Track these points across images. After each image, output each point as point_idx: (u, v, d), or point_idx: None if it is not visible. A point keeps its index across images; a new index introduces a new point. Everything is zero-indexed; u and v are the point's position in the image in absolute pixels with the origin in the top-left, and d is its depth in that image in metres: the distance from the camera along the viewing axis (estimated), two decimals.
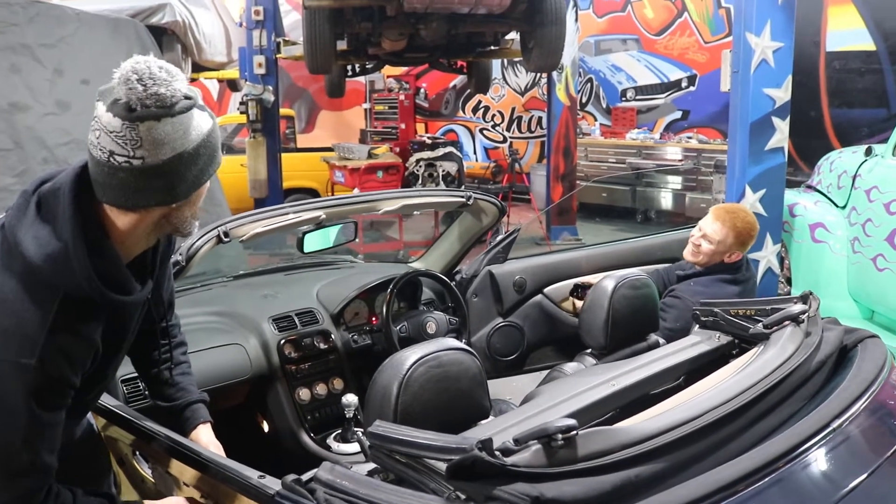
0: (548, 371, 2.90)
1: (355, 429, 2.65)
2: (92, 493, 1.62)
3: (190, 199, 1.50)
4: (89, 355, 1.52)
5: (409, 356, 1.63)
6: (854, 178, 5.13)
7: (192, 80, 10.27)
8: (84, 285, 1.44)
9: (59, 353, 1.44)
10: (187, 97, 1.40)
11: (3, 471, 1.44)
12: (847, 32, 8.83)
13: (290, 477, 1.38)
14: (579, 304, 3.36)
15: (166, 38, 8.45)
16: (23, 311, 1.43)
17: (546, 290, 3.53)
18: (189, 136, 1.40)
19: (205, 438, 1.94)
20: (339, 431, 2.74)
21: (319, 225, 2.86)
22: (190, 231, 1.58)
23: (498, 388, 3.29)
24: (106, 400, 1.93)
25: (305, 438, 2.77)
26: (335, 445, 2.71)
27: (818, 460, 1.39)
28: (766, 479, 1.30)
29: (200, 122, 1.43)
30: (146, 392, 2.30)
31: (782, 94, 4.58)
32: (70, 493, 1.55)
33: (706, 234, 2.95)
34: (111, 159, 1.37)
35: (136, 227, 1.49)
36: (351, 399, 2.56)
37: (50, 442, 1.49)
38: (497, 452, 1.18)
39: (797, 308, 1.91)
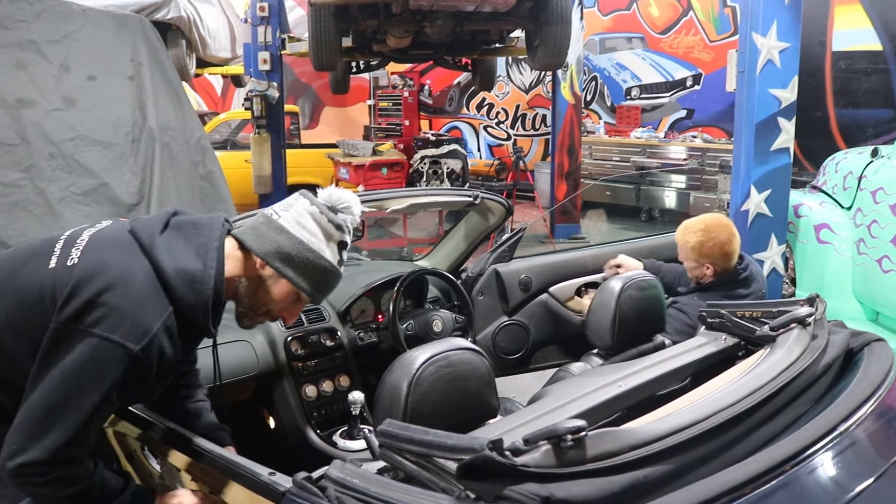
0: (552, 370, 2.91)
1: (361, 426, 2.66)
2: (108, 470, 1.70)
3: (276, 286, 1.72)
4: (169, 362, 1.61)
5: (419, 356, 1.64)
6: (860, 179, 5.12)
7: (197, 76, 10.29)
8: (198, 307, 1.59)
9: (158, 350, 1.54)
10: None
11: (59, 435, 1.51)
12: (854, 32, 8.82)
13: (301, 474, 1.39)
14: (585, 301, 3.38)
15: (171, 33, 8.46)
16: (145, 299, 1.53)
17: (551, 289, 3.54)
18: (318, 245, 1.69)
19: None
20: (345, 428, 2.74)
21: None
22: (245, 319, 1.80)
23: (502, 386, 3.28)
24: None
25: (311, 435, 2.77)
26: (341, 442, 2.72)
27: (825, 464, 1.39)
28: (773, 483, 1.30)
29: (331, 255, 1.72)
30: None
31: (788, 94, 4.58)
32: (93, 462, 1.63)
33: (682, 259, 3.03)
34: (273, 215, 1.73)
35: (241, 274, 1.71)
36: (357, 396, 2.57)
37: (101, 425, 1.62)
38: (507, 452, 1.19)
39: (804, 311, 1.92)
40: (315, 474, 1.39)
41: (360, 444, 2.65)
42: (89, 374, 1.49)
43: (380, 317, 3.12)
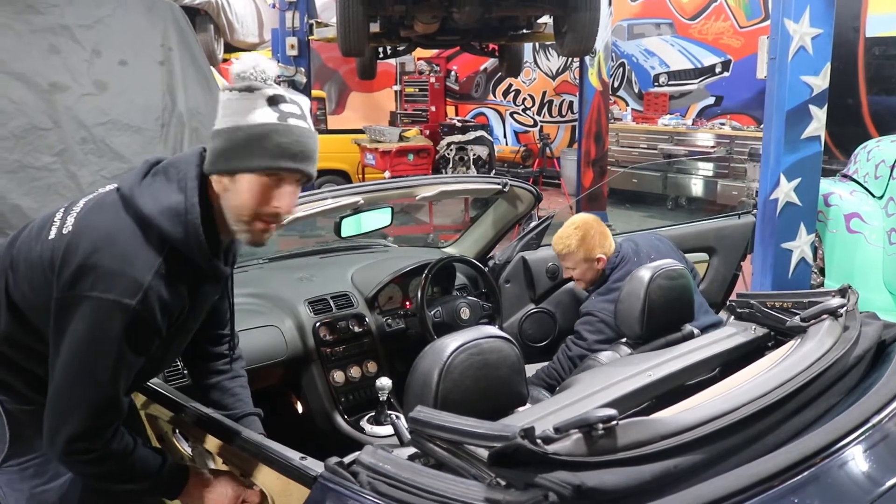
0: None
1: (389, 412, 2.68)
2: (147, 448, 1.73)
3: (237, 185, 1.59)
4: (178, 310, 1.63)
5: (450, 343, 1.64)
6: (892, 167, 5.05)
7: (224, 61, 10.35)
8: (192, 241, 1.57)
9: (158, 300, 1.54)
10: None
11: (88, 403, 1.54)
12: (888, 17, 8.65)
13: (333, 459, 1.40)
14: None
15: (199, 18, 8.52)
16: (132, 255, 1.53)
17: None
18: (244, 118, 1.57)
19: None
20: (373, 414, 2.77)
21: (357, 210, 2.88)
22: (244, 235, 1.66)
23: (529, 374, 3.30)
24: None
25: (339, 420, 2.80)
26: (368, 428, 2.74)
27: (856, 457, 1.38)
28: (804, 475, 1.30)
29: (262, 116, 1.58)
30: (184, 371, 2.35)
31: (820, 81, 4.50)
32: (132, 439, 1.66)
33: (571, 266, 3.04)
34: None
35: (219, 197, 1.63)
36: (384, 382, 2.58)
37: (127, 383, 1.61)
38: (539, 440, 1.20)
39: (835, 302, 1.90)
40: (347, 459, 1.40)
41: (387, 429, 2.67)
42: (97, 336, 1.52)
43: (407, 303, 3.14)
